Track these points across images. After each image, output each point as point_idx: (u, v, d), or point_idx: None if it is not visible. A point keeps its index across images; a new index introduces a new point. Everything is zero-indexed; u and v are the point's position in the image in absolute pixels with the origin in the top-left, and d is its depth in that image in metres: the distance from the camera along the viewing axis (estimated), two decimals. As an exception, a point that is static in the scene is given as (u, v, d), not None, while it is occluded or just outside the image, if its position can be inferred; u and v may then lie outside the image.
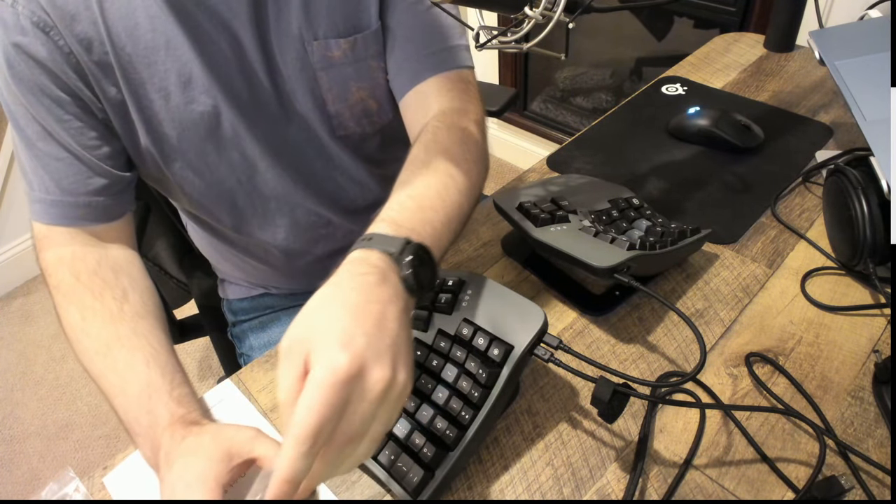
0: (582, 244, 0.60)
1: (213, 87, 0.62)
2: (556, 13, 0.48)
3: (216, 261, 0.88)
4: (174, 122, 0.63)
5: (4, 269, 1.92)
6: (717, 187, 0.79)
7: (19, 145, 0.62)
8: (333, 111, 0.70)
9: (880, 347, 0.59)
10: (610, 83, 2.09)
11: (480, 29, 0.53)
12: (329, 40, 0.65)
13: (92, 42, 0.58)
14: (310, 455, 0.35)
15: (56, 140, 0.60)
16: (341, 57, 0.67)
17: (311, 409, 0.35)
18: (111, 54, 0.59)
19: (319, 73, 0.67)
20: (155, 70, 0.60)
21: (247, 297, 0.88)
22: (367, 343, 0.38)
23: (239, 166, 0.69)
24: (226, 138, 0.66)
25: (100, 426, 1.55)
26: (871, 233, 0.60)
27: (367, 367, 0.37)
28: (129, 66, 0.60)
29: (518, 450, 0.54)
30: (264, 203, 0.73)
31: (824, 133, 0.86)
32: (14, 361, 1.73)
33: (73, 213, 0.63)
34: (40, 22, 0.56)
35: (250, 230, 0.76)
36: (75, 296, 0.59)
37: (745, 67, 1.03)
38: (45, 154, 0.61)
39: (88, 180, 0.62)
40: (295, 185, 0.73)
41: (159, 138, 0.64)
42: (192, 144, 0.65)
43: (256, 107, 0.66)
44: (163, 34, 0.59)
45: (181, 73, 0.61)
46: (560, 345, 0.51)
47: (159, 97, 0.62)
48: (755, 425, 0.54)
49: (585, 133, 0.92)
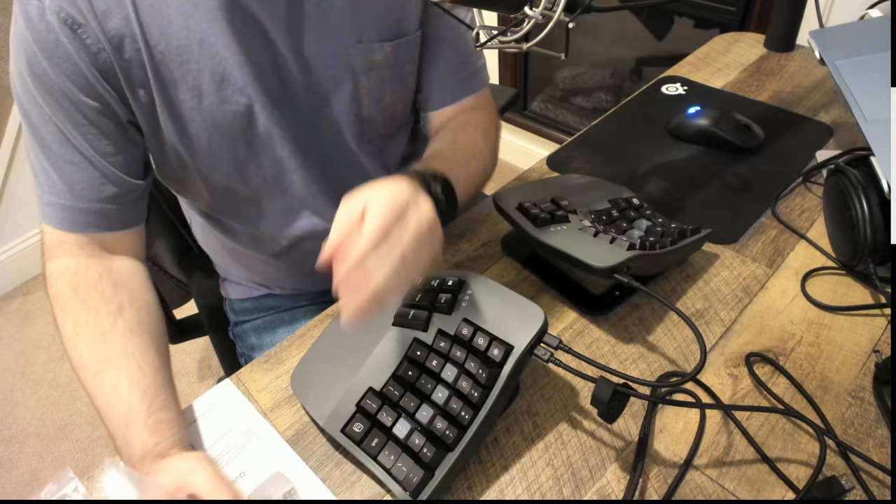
0: (582, 244, 0.60)
1: (247, 86, 0.62)
2: (556, 13, 0.48)
3: (221, 259, 0.88)
4: (206, 121, 0.62)
5: (4, 269, 1.92)
6: (717, 187, 0.79)
7: (32, 146, 0.61)
8: (367, 114, 0.71)
9: (880, 347, 0.59)
10: (610, 83, 2.09)
11: (480, 29, 0.53)
12: (373, 44, 0.67)
13: (124, 39, 0.56)
14: (373, 251, 0.45)
15: (72, 144, 0.59)
16: (382, 61, 0.68)
17: (377, 221, 0.46)
18: (143, 52, 0.57)
19: (360, 76, 0.68)
20: (188, 69, 0.59)
21: (249, 298, 0.88)
22: (412, 192, 0.50)
23: (267, 167, 0.68)
24: (257, 138, 0.65)
25: (99, 426, 1.55)
26: (871, 233, 0.60)
27: (411, 203, 0.49)
28: (162, 64, 0.58)
29: (518, 450, 0.54)
30: (287, 203, 0.73)
31: (824, 133, 0.86)
32: (13, 361, 1.73)
33: (83, 219, 0.62)
34: (68, 18, 0.54)
35: (267, 230, 0.76)
36: (71, 309, 0.59)
37: (746, 67, 1.03)
38: (59, 157, 0.60)
39: (102, 187, 0.61)
40: (319, 188, 0.73)
41: (188, 138, 0.63)
42: (222, 144, 0.64)
43: (289, 108, 0.66)
44: (197, 32, 0.58)
45: (215, 72, 0.60)
46: (560, 345, 0.51)
47: (191, 96, 0.61)
48: (755, 425, 0.54)
49: (585, 133, 0.92)
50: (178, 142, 0.64)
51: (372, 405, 0.52)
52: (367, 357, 0.56)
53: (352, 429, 0.52)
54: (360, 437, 0.51)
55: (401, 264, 0.46)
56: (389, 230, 0.46)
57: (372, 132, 0.73)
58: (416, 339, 0.55)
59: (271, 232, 0.76)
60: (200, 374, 1.65)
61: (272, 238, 0.77)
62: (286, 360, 0.63)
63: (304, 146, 0.69)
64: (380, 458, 0.50)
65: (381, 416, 0.52)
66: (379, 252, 0.46)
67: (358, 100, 0.69)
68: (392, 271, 0.46)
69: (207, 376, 1.64)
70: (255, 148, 0.66)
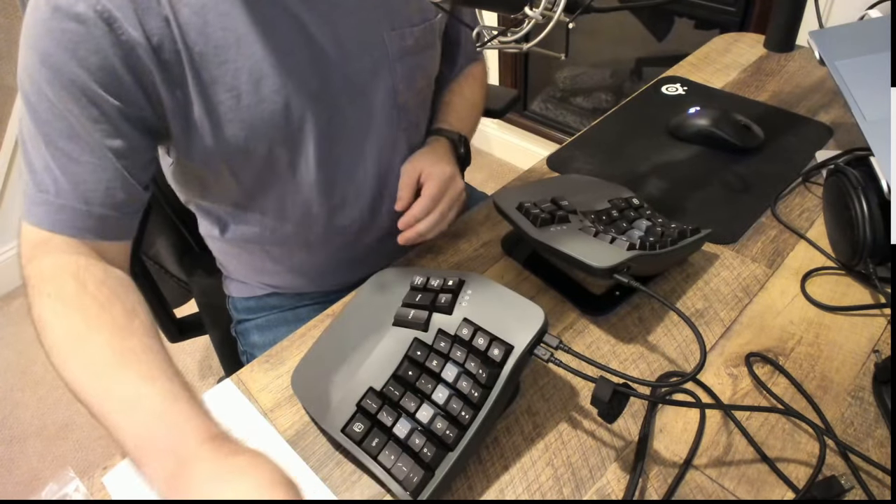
0: (582, 244, 0.60)
1: (285, 84, 0.61)
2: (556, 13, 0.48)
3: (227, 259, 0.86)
4: (244, 121, 0.62)
5: (4, 269, 1.92)
6: (717, 187, 0.79)
7: (33, 140, 0.57)
8: (402, 102, 0.72)
9: (880, 347, 0.59)
10: (610, 83, 2.09)
11: (481, 28, 0.53)
12: (404, 29, 0.68)
13: (163, 40, 0.55)
14: (427, 209, 0.69)
15: (83, 141, 0.56)
16: (413, 46, 0.70)
17: (432, 190, 0.69)
18: (182, 53, 0.56)
19: (395, 63, 0.69)
20: (226, 69, 0.58)
21: (252, 297, 0.88)
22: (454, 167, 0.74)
23: (298, 160, 0.68)
24: (293, 134, 0.65)
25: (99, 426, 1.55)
26: (871, 233, 0.60)
27: (455, 176, 0.73)
28: (201, 65, 0.58)
29: (518, 450, 0.54)
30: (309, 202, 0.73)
31: (824, 133, 0.86)
32: (14, 361, 1.73)
33: (81, 222, 0.58)
34: (104, 12, 0.52)
35: (285, 229, 0.76)
36: (80, 304, 0.54)
37: (745, 67, 1.03)
38: (64, 154, 0.56)
39: (108, 190, 0.58)
40: (348, 186, 0.73)
41: (224, 137, 0.62)
42: (258, 142, 0.64)
43: (327, 101, 0.66)
44: (234, 32, 0.58)
45: (252, 72, 0.59)
46: (560, 345, 0.51)
47: (230, 97, 0.60)
48: (755, 425, 0.54)
49: (585, 133, 0.92)
50: (212, 141, 0.62)
51: (372, 405, 0.52)
52: (368, 357, 0.56)
53: (352, 429, 0.52)
54: (361, 437, 0.51)
55: (440, 219, 0.70)
56: (438, 199, 0.70)
57: (406, 121, 0.75)
58: (417, 339, 0.55)
59: (287, 227, 0.76)
60: (201, 374, 1.65)
61: (286, 238, 0.77)
62: (286, 360, 0.63)
63: (338, 140, 0.69)
64: (380, 458, 0.50)
65: (381, 415, 0.52)
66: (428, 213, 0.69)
67: (394, 87, 0.70)
68: (433, 224, 0.70)
69: (207, 376, 1.64)
70: (289, 143, 0.66)
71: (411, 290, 0.59)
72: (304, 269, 0.83)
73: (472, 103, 0.89)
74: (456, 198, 0.71)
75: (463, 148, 0.79)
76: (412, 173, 0.72)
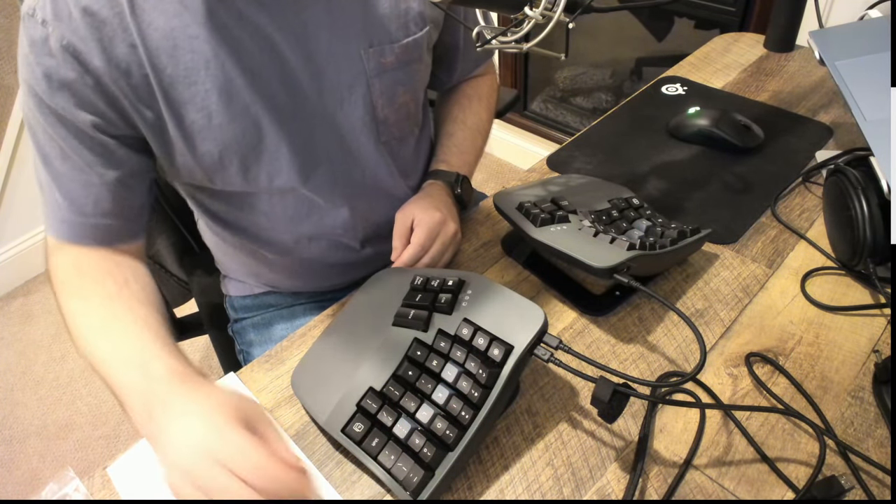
0: (582, 244, 0.60)
1: (254, 102, 0.62)
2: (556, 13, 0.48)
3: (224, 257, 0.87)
4: (216, 140, 0.63)
5: (4, 269, 1.92)
6: (717, 187, 0.79)
7: (37, 161, 0.63)
8: (382, 116, 0.72)
9: (880, 347, 0.59)
10: (610, 83, 2.09)
11: (481, 29, 0.53)
12: (384, 46, 0.67)
13: (130, 66, 0.57)
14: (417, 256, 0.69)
15: (72, 161, 0.61)
16: (393, 62, 0.69)
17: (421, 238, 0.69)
18: (151, 76, 0.58)
19: (373, 79, 0.68)
20: (196, 90, 0.60)
21: (249, 295, 0.88)
22: (446, 212, 0.73)
23: (277, 174, 0.69)
24: (267, 150, 0.66)
25: (100, 426, 1.55)
26: (871, 233, 0.60)
27: (446, 220, 0.72)
28: (171, 87, 0.59)
29: (518, 450, 0.54)
30: (298, 210, 0.74)
31: (824, 133, 0.86)
32: (14, 361, 1.73)
33: (83, 232, 0.64)
34: (69, 46, 0.55)
35: (275, 235, 0.77)
36: (77, 286, 0.62)
37: (745, 67, 1.03)
38: (60, 174, 0.61)
39: (101, 203, 0.63)
40: (331, 195, 0.73)
41: (201, 155, 0.64)
42: (233, 158, 0.65)
43: (300, 117, 0.66)
44: (202, 54, 0.58)
45: (222, 92, 0.60)
46: (560, 345, 0.51)
47: (201, 116, 0.61)
48: (755, 425, 0.54)
49: (585, 133, 0.92)
50: (189, 157, 0.64)
51: (372, 405, 0.52)
52: (368, 357, 0.56)
53: (352, 428, 0.52)
54: (361, 437, 0.51)
55: (431, 264, 0.70)
56: (427, 246, 0.70)
57: (387, 134, 0.74)
58: (417, 339, 0.55)
59: (278, 232, 0.76)
60: (201, 374, 1.65)
61: (278, 243, 0.78)
62: (286, 360, 0.63)
63: (316, 155, 0.69)
64: (380, 458, 0.50)
65: (381, 415, 0.52)
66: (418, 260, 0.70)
67: (371, 103, 0.70)
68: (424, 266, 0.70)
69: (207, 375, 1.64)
70: (265, 158, 0.67)
71: (411, 290, 0.59)
72: (298, 271, 0.83)
73: (476, 130, 0.87)
74: (448, 242, 0.71)
75: (461, 187, 0.79)
76: (404, 221, 0.72)
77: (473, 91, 0.89)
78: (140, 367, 0.53)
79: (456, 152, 0.83)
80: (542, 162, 0.88)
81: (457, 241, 0.74)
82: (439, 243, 0.71)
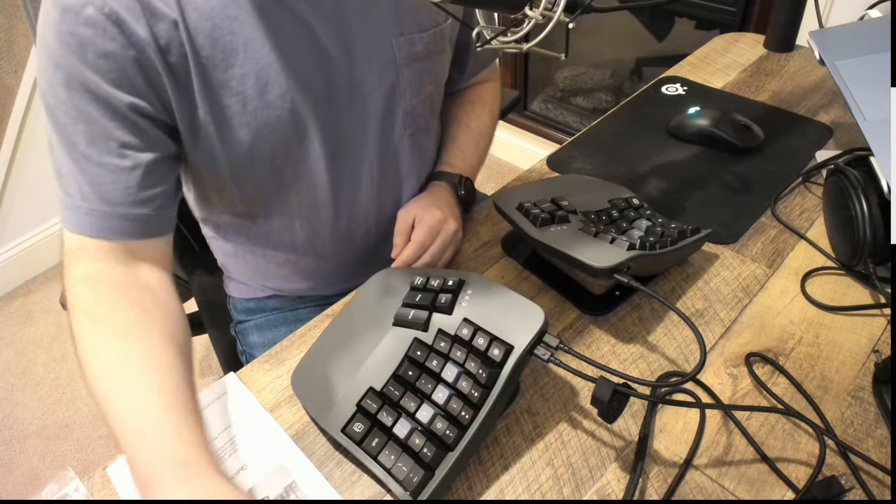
0: (582, 244, 0.60)
1: (290, 89, 0.61)
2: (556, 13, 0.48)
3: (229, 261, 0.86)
4: (249, 126, 0.61)
5: (4, 269, 1.92)
6: (717, 187, 0.79)
7: (57, 146, 0.57)
8: (409, 107, 0.72)
9: (880, 347, 0.59)
10: (610, 83, 2.09)
11: (481, 29, 0.53)
12: (413, 35, 0.68)
13: (171, 43, 0.55)
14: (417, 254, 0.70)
15: (102, 142, 0.56)
16: (422, 51, 0.70)
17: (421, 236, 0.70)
18: (189, 56, 0.56)
19: (402, 68, 0.69)
20: (233, 73, 0.58)
21: (253, 298, 0.88)
22: (448, 211, 0.73)
23: (303, 164, 0.68)
24: (298, 138, 0.65)
25: (100, 426, 1.55)
26: (871, 233, 0.60)
27: (447, 219, 0.72)
28: (208, 69, 0.57)
29: (518, 450, 0.54)
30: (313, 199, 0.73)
31: (824, 133, 0.86)
32: (14, 361, 1.73)
33: (109, 224, 0.58)
34: (112, 14, 0.52)
35: (292, 234, 0.76)
36: (90, 311, 0.56)
37: (745, 67, 1.03)
38: (85, 157, 0.56)
39: (130, 189, 0.58)
40: (352, 188, 0.73)
41: (229, 141, 0.62)
42: (263, 146, 0.64)
43: (333, 105, 0.65)
44: (241, 36, 0.57)
45: (259, 76, 0.59)
46: (560, 345, 0.51)
47: (236, 101, 0.60)
48: (755, 425, 0.54)
49: (585, 133, 0.92)
50: (217, 143, 0.62)
51: (372, 405, 0.52)
52: (368, 357, 0.56)
53: (352, 428, 0.52)
54: (361, 437, 0.51)
55: (431, 262, 0.71)
56: (427, 245, 0.70)
57: (413, 125, 0.75)
58: (417, 339, 0.55)
59: (295, 235, 0.76)
60: (201, 373, 1.65)
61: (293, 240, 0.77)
62: (286, 360, 0.63)
63: (343, 143, 0.69)
64: (380, 458, 0.50)
65: (381, 415, 0.52)
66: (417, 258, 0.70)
67: (401, 92, 0.70)
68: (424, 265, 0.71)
69: (207, 375, 1.64)
70: (294, 148, 0.66)
71: (411, 290, 0.59)
72: (309, 274, 0.83)
73: (480, 133, 0.88)
74: (448, 240, 0.72)
75: (464, 189, 0.79)
76: (406, 219, 0.73)
77: (477, 96, 0.90)
78: (153, 441, 0.48)
79: (459, 155, 0.84)
80: (542, 162, 0.88)
81: (458, 241, 0.74)
82: (440, 242, 0.71)
